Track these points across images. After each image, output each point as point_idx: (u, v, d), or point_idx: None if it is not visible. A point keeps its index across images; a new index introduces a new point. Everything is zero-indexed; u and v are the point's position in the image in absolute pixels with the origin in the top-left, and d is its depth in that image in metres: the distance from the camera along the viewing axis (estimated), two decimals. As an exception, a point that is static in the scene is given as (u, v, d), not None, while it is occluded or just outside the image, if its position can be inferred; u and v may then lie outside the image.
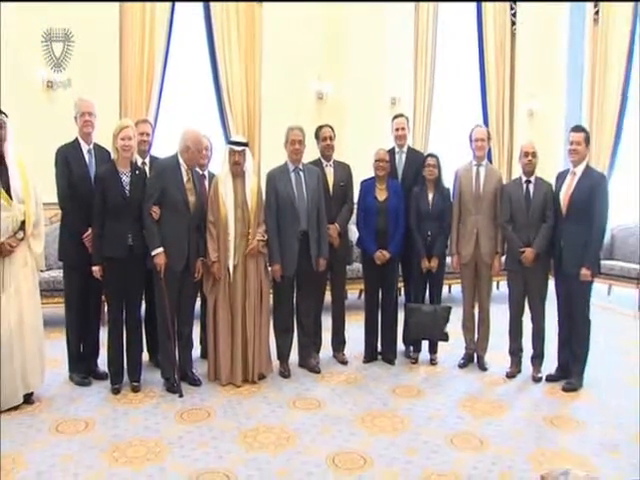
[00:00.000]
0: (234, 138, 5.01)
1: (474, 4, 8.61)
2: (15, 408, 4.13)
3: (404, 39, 8.19)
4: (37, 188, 4.28)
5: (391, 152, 5.32)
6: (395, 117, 5.51)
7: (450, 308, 5.12)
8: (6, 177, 4.09)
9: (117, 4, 6.88)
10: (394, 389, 4.69)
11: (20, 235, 4.12)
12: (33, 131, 5.90)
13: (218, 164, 4.88)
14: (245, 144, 4.70)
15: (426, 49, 8.27)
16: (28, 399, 4.25)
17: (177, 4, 7.18)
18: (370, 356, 5.27)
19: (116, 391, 4.49)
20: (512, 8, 8.67)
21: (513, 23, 8.69)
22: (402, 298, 5.70)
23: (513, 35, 8.72)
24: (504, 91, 8.69)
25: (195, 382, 4.66)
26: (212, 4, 7.31)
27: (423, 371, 5.13)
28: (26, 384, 4.19)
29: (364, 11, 7.82)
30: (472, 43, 8.71)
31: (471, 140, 5.11)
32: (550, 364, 4.89)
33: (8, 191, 4.07)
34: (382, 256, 5.02)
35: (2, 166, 4.10)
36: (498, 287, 7.45)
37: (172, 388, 4.52)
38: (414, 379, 4.93)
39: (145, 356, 4.86)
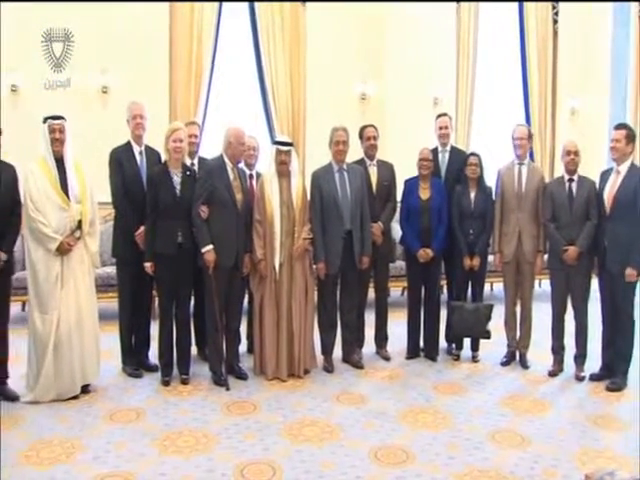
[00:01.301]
0: (280, 138, 5.13)
1: (515, 2, 8.56)
2: (74, 397, 4.33)
3: (446, 39, 8.22)
4: (92, 189, 4.45)
5: (434, 151, 5.36)
6: (439, 116, 5.54)
7: (492, 306, 5.13)
8: (64, 179, 4.27)
9: (167, 6, 7.08)
10: (436, 385, 4.73)
11: (77, 234, 4.29)
12: (88, 134, 6.09)
13: (265, 164, 5.01)
14: (291, 144, 4.81)
15: (468, 48, 8.29)
16: (85, 389, 4.43)
17: (224, 6, 7.32)
18: (412, 352, 5.32)
19: (166, 383, 4.63)
20: (554, 7, 8.58)
21: (555, 21, 8.61)
22: (444, 296, 5.72)
23: (555, 33, 8.65)
24: (546, 89, 8.63)
25: (242, 376, 4.77)
26: (257, 6, 7.45)
27: (465, 368, 5.15)
28: (84, 376, 4.37)
29: (406, 12, 7.86)
30: (514, 41, 8.67)
31: (513, 139, 5.12)
32: (593, 363, 4.86)
33: (66, 192, 4.26)
34: (425, 254, 5.06)
35: (61, 168, 4.28)
36: (540, 285, 7.40)
37: (219, 381, 4.63)
38: (456, 376, 4.96)
39: (194, 350, 5.00)
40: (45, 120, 4.28)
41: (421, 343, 5.37)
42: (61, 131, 4.27)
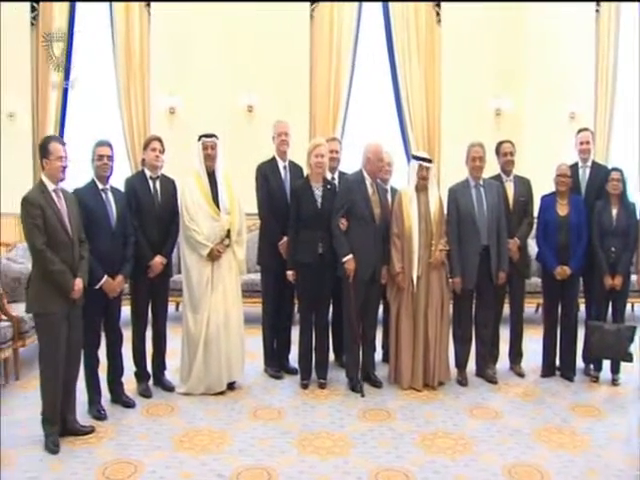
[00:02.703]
0: (420, 154, 5.17)
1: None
2: (221, 393, 4.67)
3: (583, 51, 7.96)
4: (240, 200, 4.79)
5: (574, 167, 5.24)
6: (580, 131, 5.41)
7: (635, 328, 4.91)
8: (216, 191, 4.65)
9: (308, 21, 7.48)
10: (573, 406, 4.60)
11: (226, 242, 4.64)
12: (236, 150, 6.50)
13: (400, 179, 5.13)
14: (431, 160, 4.92)
15: (607, 57, 7.95)
16: (230, 386, 4.76)
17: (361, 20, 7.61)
18: (548, 371, 5.20)
19: (305, 386, 4.86)
20: None
21: None
22: (582, 314, 5.53)
23: None
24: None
25: (377, 384, 4.88)
26: (393, 24, 7.63)
27: (604, 391, 4.97)
28: (229, 374, 4.71)
29: (541, 25, 7.74)
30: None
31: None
32: None
33: (217, 204, 4.62)
34: (563, 272, 4.96)
35: (213, 182, 4.66)
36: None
37: (355, 388, 4.77)
38: (594, 398, 4.80)
39: (331, 356, 5.19)
40: (199, 138, 4.68)
41: (557, 362, 5.24)
42: (213, 147, 4.66)
